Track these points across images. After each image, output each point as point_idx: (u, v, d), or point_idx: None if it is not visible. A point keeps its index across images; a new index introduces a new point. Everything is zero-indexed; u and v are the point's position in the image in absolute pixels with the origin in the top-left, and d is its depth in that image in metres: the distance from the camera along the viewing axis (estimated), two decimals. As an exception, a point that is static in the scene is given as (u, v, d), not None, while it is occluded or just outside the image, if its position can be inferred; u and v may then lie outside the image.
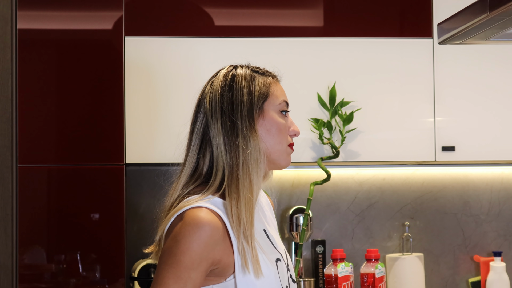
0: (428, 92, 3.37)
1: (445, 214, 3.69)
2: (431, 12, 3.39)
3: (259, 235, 1.83)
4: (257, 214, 1.89)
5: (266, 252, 1.80)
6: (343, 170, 3.62)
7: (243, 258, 1.74)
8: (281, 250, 1.88)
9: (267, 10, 3.36)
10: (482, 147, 3.39)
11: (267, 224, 1.92)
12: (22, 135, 3.19)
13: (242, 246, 1.74)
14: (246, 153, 1.78)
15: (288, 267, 1.88)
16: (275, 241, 1.88)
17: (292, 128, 1.89)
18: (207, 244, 1.71)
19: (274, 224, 1.97)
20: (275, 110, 1.87)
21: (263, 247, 1.81)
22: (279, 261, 1.84)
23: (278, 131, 1.85)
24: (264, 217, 1.93)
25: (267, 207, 1.97)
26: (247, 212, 1.75)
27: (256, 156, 1.79)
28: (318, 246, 3.53)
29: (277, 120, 1.86)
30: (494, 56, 3.40)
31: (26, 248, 3.17)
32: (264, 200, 1.98)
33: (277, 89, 1.94)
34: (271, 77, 1.96)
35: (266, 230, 1.88)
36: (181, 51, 3.28)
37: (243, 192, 1.76)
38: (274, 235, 1.91)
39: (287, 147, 1.87)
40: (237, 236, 1.74)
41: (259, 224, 1.86)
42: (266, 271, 1.76)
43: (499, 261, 3.55)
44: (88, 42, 3.25)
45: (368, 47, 3.36)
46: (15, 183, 3.19)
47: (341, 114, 3.28)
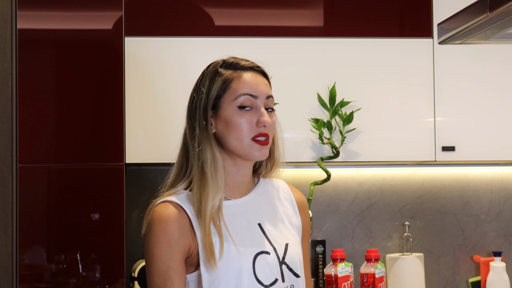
0: (428, 92, 3.37)
1: (445, 214, 3.69)
2: (431, 12, 3.39)
3: (239, 228, 1.89)
4: (249, 207, 1.94)
5: (241, 245, 1.86)
6: (343, 170, 3.62)
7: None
8: (278, 244, 1.90)
9: (267, 10, 3.36)
10: (482, 147, 3.39)
11: (272, 218, 1.95)
12: (22, 135, 3.19)
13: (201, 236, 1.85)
14: (200, 152, 1.89)
15: (284, 261, 1.89)
16: (272, 235, 1.91)
17: (260, 119, 1.89)
18: (173, 234, 1.85)
19: (290, 220, 1.98)
20: (232, 106, 1.90)
21: (241, 240, 1.87)
22: (261, 255, 1.87)
23: (234, 128, 1.89)
24: (273, 210, 1.97)
25: (286, 202, 2.01)
26: (205, 206, 1.85)
27: (208, 154, 1.89)
28: (318, 246, 3.53)
29: (232, 116, 1.89)
30: (494, 56, 3.40)
31: (26, 248, 3.17)
32: (285, 195, 2.02)
33: (239, 83, 1.93)
34: (241, 71, 1.95)
35: (262, 224, 1.92)
36: (181, 51, 3.28)
37: (200, 187, 1.87)
38: (279, 229, 1.94)
39: (250, 141, 1.88)
40: (199, 227, 1.85)
41: (247, 218, 1.92)
42: (227, 263, 1.83)
43: (499, 261, 3.55)
44: (88, 42, 3.24)
45: (368, 47, 3.36)
46: (15, 183, 3.19)
47: (341, 114, 3.28)
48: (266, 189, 2.00)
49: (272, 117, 1.92)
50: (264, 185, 2.01)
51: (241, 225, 1.90)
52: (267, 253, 1.88)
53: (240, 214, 1.92)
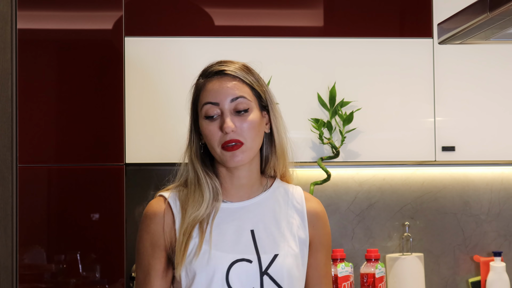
0: (428, 92, 3.37)
1: (445, 214, 3.69)
2: (431, 12, 3.39)
3: (225, 233, 1.87)
4: (246, 212, 1.90)
5: (220, 249, 1.84)
6: (343, 170, 3.62)
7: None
8: (265, 254, 1.86)
9: (267, 10, 3.36)
10: (482, 147, 3.39)
11: (269, 226, 1.90)
12: (22, 135, 3.19)
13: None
14: (186, 166, 1.92)
15: (266, 272, 1.85)
16: (262, 244, 1.87)
17: (223, 126, 1.85)
18: (155, 232, 1.88)
19: (293, 231, 1.92)
20: (201, 117, 1.89)
21: (223, 244, 1.85)
22: (240, 262, 1.84)
23: (206, 138, 1.89)
24: (275, 218, 1.92)
25: (295, 212, 1.94)
26: (186, 214, 1.86)
27: (190, 172, 1.91)
28: (318, 246, 3.53)
29: (202, 126, 1.89)
30: (494, 56, 3.40)
31: (26, 248, 3.17)
32: (297, 205, 1.95)
33: (204, 92, 1.91)
34: (208, 78, 1.93)
35: (255, 231, 1.88)
36: (181, 51, 3.28)
37: (187, 195, 1.89)
38: (274, 238, 1.88)
39: (220, 150, 1.86)
40: (180, 226, 1.86)
41: (239, 223, 1.89)
42: (202, 265, 1.82)
43: (499, 261, 3.55)
44: (88, 42, 3.25)
45: (368, 47, 3.36)
46: (15, 183, 3.19)
47: (341, 114, 3.28)
48: (276, 195, 1.96)
49: (245, 119, 1.87)
50: (276, 190, 1.97)
51: (229, 229, 1.88)
52: (248, 261, 1.84)
53: (232, 218, 1.90)
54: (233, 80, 1.89)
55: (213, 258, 1.83)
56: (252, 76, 1.93)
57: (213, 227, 1.87)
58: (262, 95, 1.93)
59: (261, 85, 1.94)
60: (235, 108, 1.86)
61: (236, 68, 1.92)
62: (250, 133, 1.87)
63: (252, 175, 1.93)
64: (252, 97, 1.90)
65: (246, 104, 1.87)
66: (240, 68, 1.92)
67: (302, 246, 1.92)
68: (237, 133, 1.85)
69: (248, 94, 1.89)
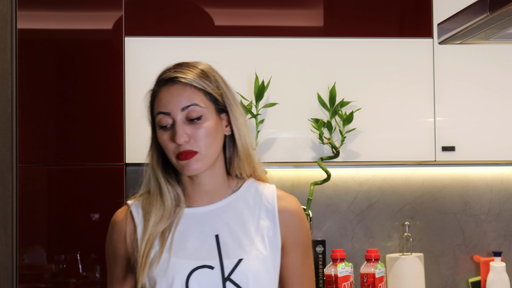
0: (428, 92, 3.37)
1: (445, 214, 3.69)
2: (431, 12, 3.39)
3: (188, 239, 1.83)
4: (211, 217, 1.86)
5: (181, 257, 1.81)
6: (343, 170, 3.62)
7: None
8: (228, 259, 1.81)
9: (267, 10, 3.36)
10: (482, 147, 3.39)
11: (236, 230, 1.85)
12: (22, 135, 3.19)
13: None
14: (148, 175, 1.89)
15: (229, 278, 1.80)
16: (226, 249, 1.82)
17: (174, 138, 1.81)
18: (115, 240, 1.87)
19: (263, 233, 1.86)
20: (156, 125, 1.85)
21: (185, 251, 1.82)
22: (201, 269, 1.80)
23: (162, 146, 1.85)
24: (242, 221, 1.86)
25: (264, 212, 1.88)
26: (148, 225, 1.84)
27: (152, 181, 1.87)
28: (318, 246, 3.53)
29: (158, 135, 1.85)
30: (494, 56, 3.40)
31: (26, 248, 3.17)
32: (268, 205, 1.89)
33: (156, 101, 1.86)
34: (160, 86, 1.86)
35: (220, 236, 1.84)
36: (181, 51, 3.28)
37: (148, 204, 1.87)
38: (240, 242, 1.83)
39: (175, 159, 1.82)
40: (141, 235, 1.84)
41: (203, 228, 1.85)
42: (161, 273, 1.80)
43: (499, 261, 3.55)
44: (88, 42, 3.25)
45: (368, 47, 3.36)
46: (15, 183, 3.19)
47: (341, 114, 3.28)
48: (246, 196, 1.90)
49: (199, 127, 1.81)
50: (247, 191, 1.91)
51: (192, 235, 1.84)
52: (210, 268, 1.80)
53: (196, 224, 1.86)
54: (184, 87, 1.83)
55: (172, 266, 1.80)
56: (207, 80, 1.87)
57: (176, 234, 1.83)
58: (218, 98, 1.86)
59: (217, 87, 1.88)
60: (187, 117, 1.81)
61: (189, 73, 1.86)
62: (205, 140, 1.81)
63: (216, 179, 1.88)
64: (206, 102, 1.84)
65: (199, 111, 1.81)
66: (193, 73, 1.87)
67: (272, 248, 1.85)
68: (191, 143, 1.80)
69: (201, 100, 1.83)
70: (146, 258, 1.81)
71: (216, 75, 1.91)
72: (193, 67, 1.90)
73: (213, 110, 1.85)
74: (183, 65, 1.91)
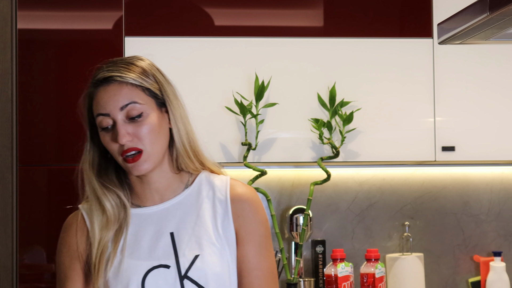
0: (428, 92, 3.37)
1: (445, 214, 3.69)
2: (431, 12, 3.39)
3: (142, 239, 1.79)
4: (165, 215, 1.81)
5: (135, 258, 1.77)
6: (343, 170, 3.62)
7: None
8: (184, 257, 1.76)
9: (267, 10, 3.36)
10: (482, 147, 3.39)
11: (191, 226, 1.80)
12: (22, 135, 3.19)
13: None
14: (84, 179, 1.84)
15: (186, 275, 1.75)
16: (182, 246, 1.78)
17: (117, 139, 1.76)
18: (71, 244, 1.83)
19: (218, 225, 1.81)
20: (98, 126, 1.80)
21: (139, 252, 1.78)
22: (157, 269, 1.76)
23: (106, 148, 1.81)
24: (197, 215, 1.82)
25: (218, 204, 1.83)
26: (94, 231, 1.80)
27: (87, 188, 1.83)
28: (318, 246, 3.53)
29: (100, 137, 1.80)
30: (494, 56, 3.40)
31: (26, 248, 3.17)
32: (221, 196, 1.84)
33: (95, 102, 1.81)
34: (96, 87, 1.82)
35: (175, 233, 1.79)
36: (181, 51, 3.28)
37: (90, 211, 1.84)
38: (196, 238, 1.78)
39: (121, 160, 1.77)
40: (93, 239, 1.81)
41: (157, 227, 1.80)
42: (116, 276, 1.76)
43: (499, 261, 3.55)
44: (88, 42, 3.25)
45: (368, 47, 3.36)
46: (15, 183, 3.19)
47: (341, 114, 3.28)
48: (200, 190, 1.85)
49: (141, 124, 1.76)
50: (201, 185, 1.85)
51: (146, 235, 1.80)
52: (166, 267, 1.75)
53: (149, 223, 1.81)
54: (121, 85, 1.78)
55: (127, 268, 1.75)
56: (144, 75, 1.81)
57: (130, 236, 1.79)
58: (157, 93, 1.81)
59: (156, 81, 1.82)
60: (127, 116, 1.76)
61: (124, 71, 1.79)
62: (149, 137, 1.76)
63: (166, 176, 1.83)
64: (146, 98, 1.79)
65: (138, 109, 1.76)
66: (129, 70, 1.80)
67: (228, 240, 1.80)
68: (134, 142, 1.75)
69: (140, 96, 1.78)
70: (99, 263, 1.76)
71: (152, 68, 1.85)
72: (128, 64, 1.82)
73: (153, 105, 1.79)
74: (117, 63, 1.82)
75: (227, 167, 3.57)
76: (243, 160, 3.23)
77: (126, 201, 1.82)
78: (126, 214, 1.81)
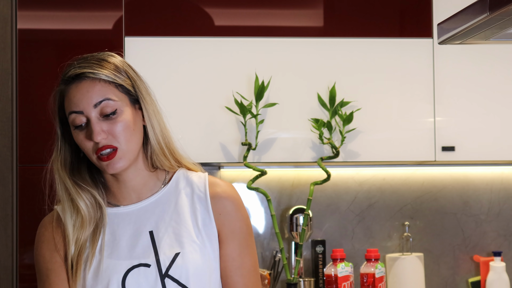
0: (428, 92, 3.37)
1: (445, 214, 3.69)
2: (431, 12, 3.39)
3: (121, 238, 1.77)
4: (143, 213, 1.79)
5: (115, 257, 1.75)
6: (343, 170, 3.62)
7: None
8: (164, 255, 1.73)
9: (267, 10, 3.36)
10: (482, 147, 3.39)
11: (171, 224, 1.77)
12: (22, 135, 3.19)
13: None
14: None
15: (167, 274, 1.73)
16: (162, 244, 1.75)
17: (91, 137, 1.71)
18: (50, 238, 1.82)
19: (198, 223, 1.78)
20: (71, 125, 1.75)
21: (118, 252, 1.75)
22: (137, 268, 1.72)
23: (80, 146, 1.77)
24: (177, 213, 1.79)
25: (198, 201, 1.80)
26: (69, 235, 1.78)
27: (60, 187, 1.83)
28: (318, 246, 3.53)
29: (73, 135, 1.75)
30: (494, 56, 3.40)
31: (26, 248, 3.17)
32: (200, 193, 1.81)
33: (67, 100, 1.75)
34: (67, 85, 1.76)
35: (154, 232, 1.77)
36: (181, 51, 3.28)
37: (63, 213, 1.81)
38: (176, 236, 1.76)
39: (96, 158, 1.73)
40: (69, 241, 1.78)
41: (136, 226, 1.78)
42: (95, 277, 1.73)
43: (499, 261, 3.55)
44: (88, 42, 3.25)
45: (368, 47, 3.36)
46: (15, 183, 3.19)
47: (341, 114, 3.28)
48: (179, 188, 1.82)
49: (115, 121, 1.72)
50: (179, 182, 1.83)
51: (125, 234, 1.77)
52: (146, 266, 1.72)
53: (127, 222, 1.78)
54: (93, 82, 1.73)
55: (106, 268, 1.72)
56: (116, 71, 1.76)
57: (108, 236, 1.76)
58: (130, 89, 1.77)
59: (128, 77, 1.78)
60: (101, 113, 1.72)
61: (96, 67, 1.74)
62: (123, 135, 1.73)
63: (141, 173, 1.80)
64: (120, 95, 1.75)
65: (113, 105, 1.72)
66: (101, 66, 1.75)
67: (210, 237, 1.77)
68: (109, 139, 1.72)
69: (114, 93, 1.74)
70: (77, 264, 1.74)
71: (124, 65, 1.79)
72: (100, 60, 1.77)
73: (127, 102, 1.76)
74: (88, 59, 1.78)
75: (227, 167, 3.59)
76: (243, 160, 3.24)
77: (101, 201, 1.79)
78: (102, 213, 1.78)
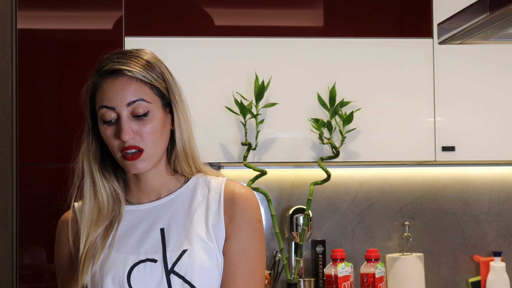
0: (428, 92, 3.37)
1: (445, 214, 3.69)
2: (431, 12, 3.39)
3: (132, 234, 1.78)
4: (158, 212, 1.79)
5: (123, 252, 1.76)
6: (343, 170, 3.62)
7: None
8: (172, 252, 1.74)
9: (267, 10, 3.36)
10: (482, 147, 3.39)
11: (183, 222, 1.78)
12: (22, 135, 3.19)
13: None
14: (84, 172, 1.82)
15: (173, 270, 1.73)
16: (171, 241, 1.75)
17: (120, 134, 1.71)
18: (61, 241, 1.83)
19: (209, 223, 1.77)
20: (99, 119, 1.75)
21: (127, 247, 1.76)
22: (143, 263, 1.73)
23: (105, 141, 1.76)
24: (190, 213, 1.79)
25: (213, 203, 1.80)
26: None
27: (88, 181, 1.82)
28: (318, 246, 3.53)
29: (101, 129, 1.75)
30: (494, 56, 3.40)
31: (26, 248, 3.17)
32: (215, 195, 1.81)
33: (99, 93, 1.75)
34: (102, 77, 1.76)
35: (166, 229, 1.77)
36: (181, 51, 3.28)
37: (82, 211, 1.83)
38: (186, 234, 1.76)
39: (120, 156, 1.73)
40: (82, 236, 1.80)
41: (149, 223, 1.78)
42: (102, 270, 1.75)
43: (499, 261, 3.55)
44: (88, 42, 3.25)
45: (368, 47, 3.36)
46: (15, 183, 3.19)
47: (341, 114, 3.28)
48: (195, 188, 1.82)
49: (145, 123, 1.72)
50: (195, 184, 1.83)
51: (137, 231, 1.78)
52: (153, 261, 1.73)
53: (142, 219, 1.79)
54: (130, 80, 1.72)
55: (113, 261, 1.74)
56: (153, 72, 1.76)
57: (120, 231, 1.78)
58: (164, 92, 1.77)
59: (164, 80, 1.78)
60: (132, 113, 1.72)
61: (134, 65, 1.73)
62: (151, 138, 1.73)
63: (161, 175, 1.81)
64: (153, 97, 1.75)
65: (145, 107, 1.72)
66: (139, 65, 1.74)
67: (218, 237, 1.76)
68: (136, 140, 1.72)
69: (148, 94, 1.74)
70: (85, 258, 1.75)
71: (162, 66, 1.79)
72: (137, 58, 1.76)
73: (159, 105, 1.76)
74: (127, 55, 1.76)
75: (227, 167, 3.58)
76: (243, 160, 3.24)
77: (121, 195, 1.81)
78: (119, 209, 1.80)
